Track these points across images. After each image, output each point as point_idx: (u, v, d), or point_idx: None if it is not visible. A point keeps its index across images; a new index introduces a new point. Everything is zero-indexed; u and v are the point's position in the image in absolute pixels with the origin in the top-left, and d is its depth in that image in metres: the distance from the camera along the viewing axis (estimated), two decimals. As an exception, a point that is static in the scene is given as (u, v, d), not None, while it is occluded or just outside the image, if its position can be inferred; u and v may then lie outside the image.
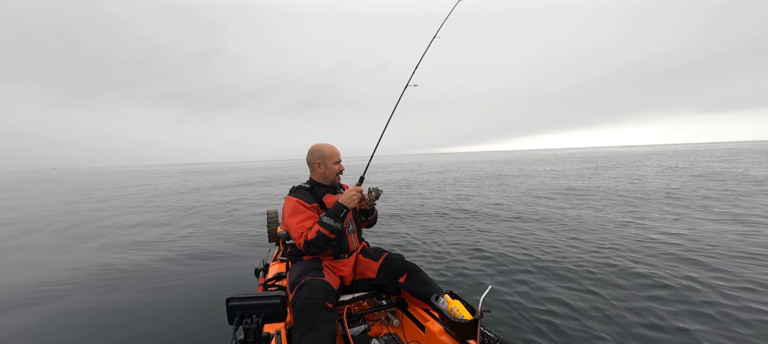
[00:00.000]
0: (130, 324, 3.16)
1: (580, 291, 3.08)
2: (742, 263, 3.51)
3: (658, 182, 11.16)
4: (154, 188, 19.57)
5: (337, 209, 1.80)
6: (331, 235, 1.77)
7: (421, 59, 2.42)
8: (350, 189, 1.87)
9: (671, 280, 3.15)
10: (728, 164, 17.28)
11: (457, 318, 1.50)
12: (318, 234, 1.75)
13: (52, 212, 11.25)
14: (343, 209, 1.80)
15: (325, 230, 1.75)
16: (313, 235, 1.75)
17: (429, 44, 2.46)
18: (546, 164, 27.03)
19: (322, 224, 1.76)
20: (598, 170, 18.00)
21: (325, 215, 1.79)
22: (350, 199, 1.82)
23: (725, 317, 2.53)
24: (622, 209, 6.84)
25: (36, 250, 6.18)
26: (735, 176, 11.75)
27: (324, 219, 1.78)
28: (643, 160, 26.49)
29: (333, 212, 1.79)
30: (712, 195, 7.90)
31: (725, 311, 2.60)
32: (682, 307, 2.69)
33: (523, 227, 5.72)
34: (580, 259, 3.87)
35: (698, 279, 3.15)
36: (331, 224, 1.77)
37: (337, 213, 1.79)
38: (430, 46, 2.45)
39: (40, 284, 4.30)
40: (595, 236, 4.84)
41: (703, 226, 5.08)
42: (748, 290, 2.92)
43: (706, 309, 2.64)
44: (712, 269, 3.40)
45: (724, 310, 2.62)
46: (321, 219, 1.79)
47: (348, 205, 1.81)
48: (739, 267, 3.41)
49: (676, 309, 2.67)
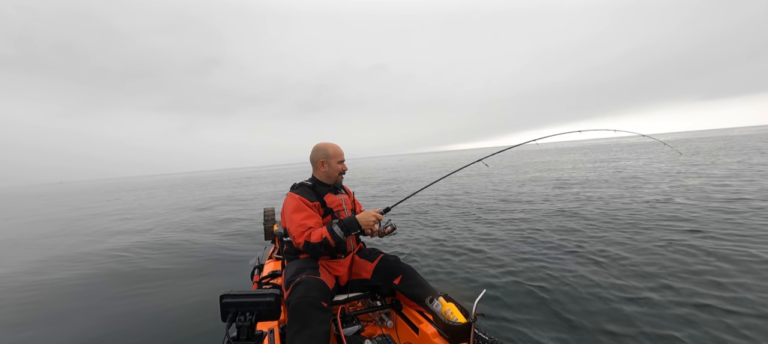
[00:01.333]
0: (126, 322, 3.16)
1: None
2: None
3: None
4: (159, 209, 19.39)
5: (352, 225, 1.81)
6: (334, 245, 1.78)
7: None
8: (370, 213, 1.85)
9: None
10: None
11: (452, 320, 1.50)
12: (323, 240, 1.74)
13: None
14: (356, 228, 1.81)
15: (331, 239, 1.75)
16: (318, 239, 1.75)
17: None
18: (552, 154, 27.02)
19: (331, 232, 1.76)
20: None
21: (337, 225, 1.78)
22: (367, 222, 1.82)
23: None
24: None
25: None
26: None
27: (334, 228, 1.77)
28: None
29: (346, 225, 1.79)
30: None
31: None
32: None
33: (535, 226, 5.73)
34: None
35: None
36: (339, 235, 1.77)
37: (349, 228, 1.80)
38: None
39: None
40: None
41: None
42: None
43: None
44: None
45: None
46: (331, 227, 1.78)
47: (363, 227, 1.82)
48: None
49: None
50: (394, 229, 1.95)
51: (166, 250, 5.66)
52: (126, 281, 4.24)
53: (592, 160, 20.72)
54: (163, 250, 5.68)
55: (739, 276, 3.19)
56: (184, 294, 3.67)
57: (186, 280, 4.15)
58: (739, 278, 3.14)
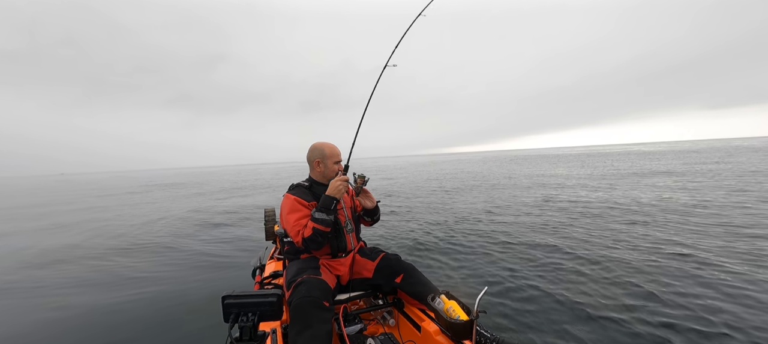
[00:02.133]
0: (126, 322, 3.16)
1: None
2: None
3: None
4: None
5: (326, 201, 1.80)
6: (325, 229, 1.77)
7: (402, 38, 2.49)
8: (335, 180, 1.83)
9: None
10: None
11: (454, 318, 1.50)
12: (313, 231, 1.75)
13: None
14: (332, 201, 1.80)
15: (319, 225, 1.75)
16: (309, 232, 1.75)
17: (412, 22, 2.53)
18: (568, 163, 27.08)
19: (315, 220, 1.76)
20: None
21: (316, 211, 1.79)
22: (337, 190, 1.80)
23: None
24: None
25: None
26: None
27: (315, 215, 1.78)
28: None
29: (322, 206, 1.79)
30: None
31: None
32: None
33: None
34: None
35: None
36: (323, 218, 1.77)
37: (327, 206, 1.79)
38: (413, 23, 2.52)
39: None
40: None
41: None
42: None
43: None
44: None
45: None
46: (313, 215, 1.79)
47: (336, 195, 1.80)
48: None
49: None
50: (364, 177, 1.94)
51: (167, 251, 5.66)
52: (126, 281, 4.23)
53: (592, 164, 20.74)
54: (164, 251, 5.68)
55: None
56: (185, 295, 3.67)
57: (187, 281, 4.15)
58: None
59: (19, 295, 3.92)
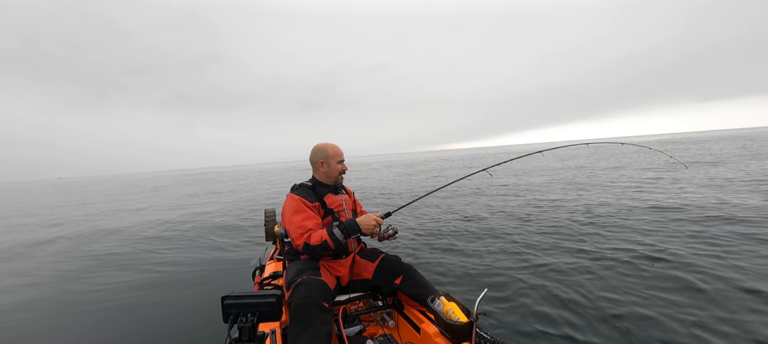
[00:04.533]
0: (127, 322, 3.16)
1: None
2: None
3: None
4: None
5: (352, 228, 1.80)
6: (334, 247, 1.78)
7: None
8: (371, 217, 1.84)
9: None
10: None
11: (453, 320, 1.50)
12: (323, 242, 1.74)
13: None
14: (356, 231, 1.81)
15: (331, 241, 1.75)
16: (318, 241, 1.74)
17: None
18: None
19: (331, 235, 1.76)
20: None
21: (337, 228, 1.78)
22: (367, 226, 1.82)
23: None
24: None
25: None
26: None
27: (334, 231, 1.77)
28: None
29: (346, 228, 1.79)
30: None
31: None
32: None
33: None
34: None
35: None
36: (339, 238, 1.77)
37: (349, 231, 1.79)
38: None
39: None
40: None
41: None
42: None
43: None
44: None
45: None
46: (330, 230, 1.77)
47: (363, 230, 1.82)
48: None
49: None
50: (396, 233, 1.94)
51: (166, 251, 5.66)
52: (125, 282, 4.23)
53: (592, 166, 20.75)
54: (163, 251, 5.68)
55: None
56: (185, 296, 3.67)
57: (186, 281, 4.15)
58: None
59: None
